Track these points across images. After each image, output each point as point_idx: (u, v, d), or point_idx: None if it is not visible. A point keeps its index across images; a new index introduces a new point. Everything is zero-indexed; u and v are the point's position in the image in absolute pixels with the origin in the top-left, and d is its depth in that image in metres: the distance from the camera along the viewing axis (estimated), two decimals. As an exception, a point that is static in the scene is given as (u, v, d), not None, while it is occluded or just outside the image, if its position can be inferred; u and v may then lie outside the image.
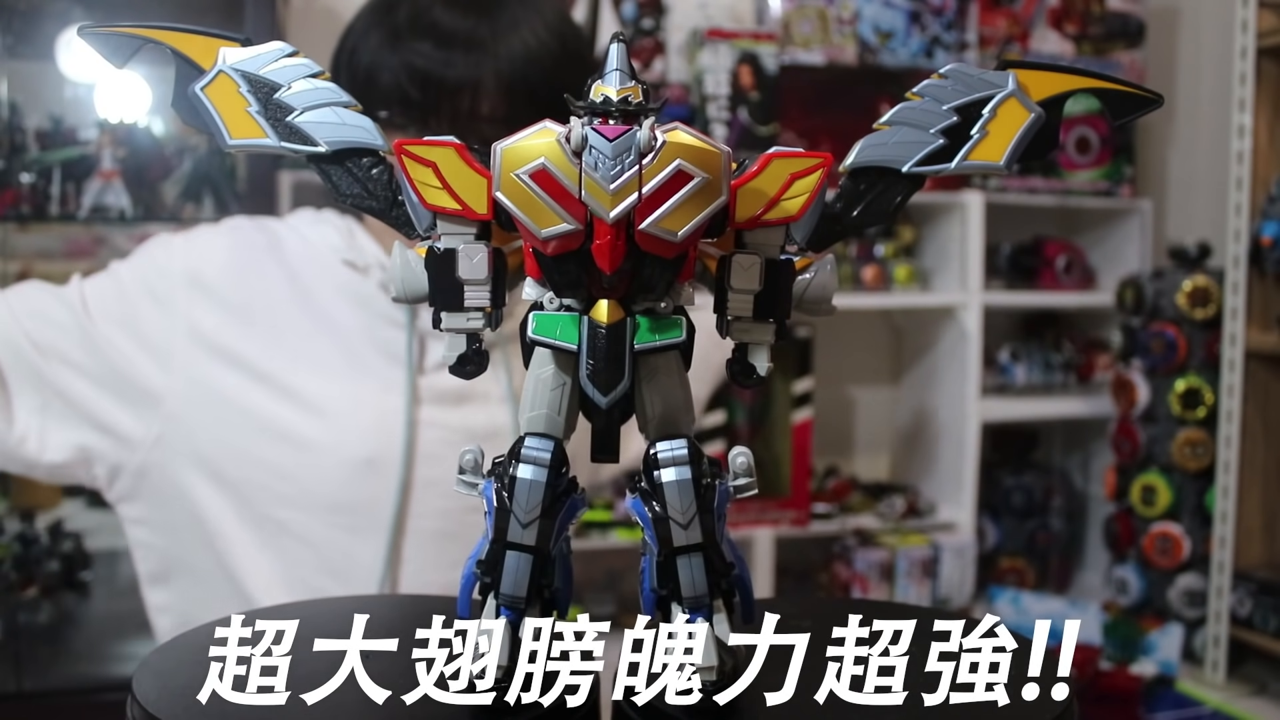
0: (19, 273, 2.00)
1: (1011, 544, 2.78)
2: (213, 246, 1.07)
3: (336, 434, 1.01)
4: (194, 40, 0.54)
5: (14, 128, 1.89)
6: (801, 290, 0.53)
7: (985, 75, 0.53)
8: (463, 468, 0.53)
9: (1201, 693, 2.25)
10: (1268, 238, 2.20)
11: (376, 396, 1.04)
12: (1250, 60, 2.23)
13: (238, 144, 0.53)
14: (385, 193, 0.53)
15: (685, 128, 0.47)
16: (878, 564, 2.53)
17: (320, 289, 1.07)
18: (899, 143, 0.52)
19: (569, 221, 0.47)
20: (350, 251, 1.07)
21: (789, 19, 2.51)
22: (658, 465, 0.51)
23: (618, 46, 0.49)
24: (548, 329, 0.50)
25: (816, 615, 0.60)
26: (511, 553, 0.51)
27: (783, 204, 0.50)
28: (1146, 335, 2.45)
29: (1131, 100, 0.53)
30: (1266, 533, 2.36)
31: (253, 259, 1.07)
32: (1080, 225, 2.86)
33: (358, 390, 1.04)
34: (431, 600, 0.77)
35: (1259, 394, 2.31)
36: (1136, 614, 2.46)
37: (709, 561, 0.51)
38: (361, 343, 1.06)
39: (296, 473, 1.01)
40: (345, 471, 1.01)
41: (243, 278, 1.06)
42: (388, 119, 1.00)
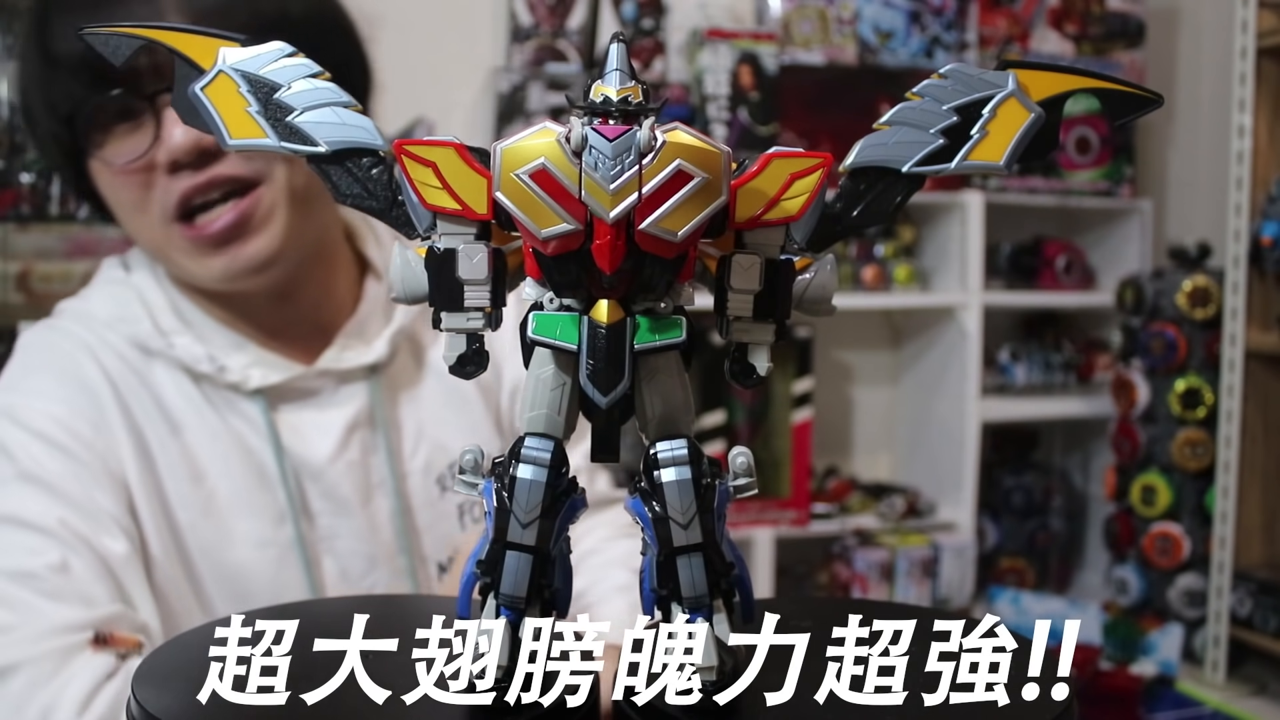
0: (19, 273, 2.00)
1: (1011, 544, 2.78)
2: (47, 400, 0.90)
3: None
4: (194, 40, 0.54)
5: (14, 128, 1.89)
6: (801, 290, 0.52)
7: (985, 75, 0.53)
8: (462, 468, 0.53)
9: (1201, 693, 2.25)
10: (1268, 238, 2.20)
11: (263, 532, 0.94)
12: (1250, 60, 2.23)
13: (237, 144, 0.53)
14: (385, 193, 0.53)
15: (685, 128, 0.47)
16: (878, 564, 2.53)
17: (160, 408, 0.93)
18: (899, 143, 0.52)
19: (569, 221, 0.47)
20: (155, 336, 0.93)
21: (789, 19, 2.51)
22: (658, 465, 0.51)
23: (617, 46, 0.49)
24: (547, 329, 0.50)
25: (816, 615, 0.60)
26: (511, 553, 0.51)
27: (783, 204, 0.50)
28: (1146, 335, 2.45)
29: (1131, 100, 0.53)
30: (1266, 533, 2.36)
31: (91, 405, 0.91)
32: (1080, 225, 2.86)
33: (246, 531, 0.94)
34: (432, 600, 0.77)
35: (1259, 394, 2.31)
36: (1136, 614, 2.46)
37: (709, 561, 0.51)
38: (226, 459, 0.94)
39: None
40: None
41: (97, 435, 0.91)
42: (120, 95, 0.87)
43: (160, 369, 0.94)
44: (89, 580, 0.83)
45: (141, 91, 0.86)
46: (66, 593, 0.81)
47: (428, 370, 1.04)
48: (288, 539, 0.94)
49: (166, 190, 0.88)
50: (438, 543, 1.01)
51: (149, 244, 0.94)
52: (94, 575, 0.83)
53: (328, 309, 1.00)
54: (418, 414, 1.02)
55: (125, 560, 0.86)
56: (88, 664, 0.78)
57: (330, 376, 0.98)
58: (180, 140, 0.86)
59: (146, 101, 0.87)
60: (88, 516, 0.86)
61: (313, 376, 0.97)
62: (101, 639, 0.79)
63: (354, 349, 0.99)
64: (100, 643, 0.79)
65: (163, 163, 0.88)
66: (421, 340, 1.05)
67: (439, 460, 1.02)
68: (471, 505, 1.02)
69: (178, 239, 0.90)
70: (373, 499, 0.98)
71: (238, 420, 0.95)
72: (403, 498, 0.99)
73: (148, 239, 0.93)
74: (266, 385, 0.95)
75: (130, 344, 0.94)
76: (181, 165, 0.87)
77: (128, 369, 0.93)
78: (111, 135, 0.89)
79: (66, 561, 0.82)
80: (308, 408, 0.97)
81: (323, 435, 0.97)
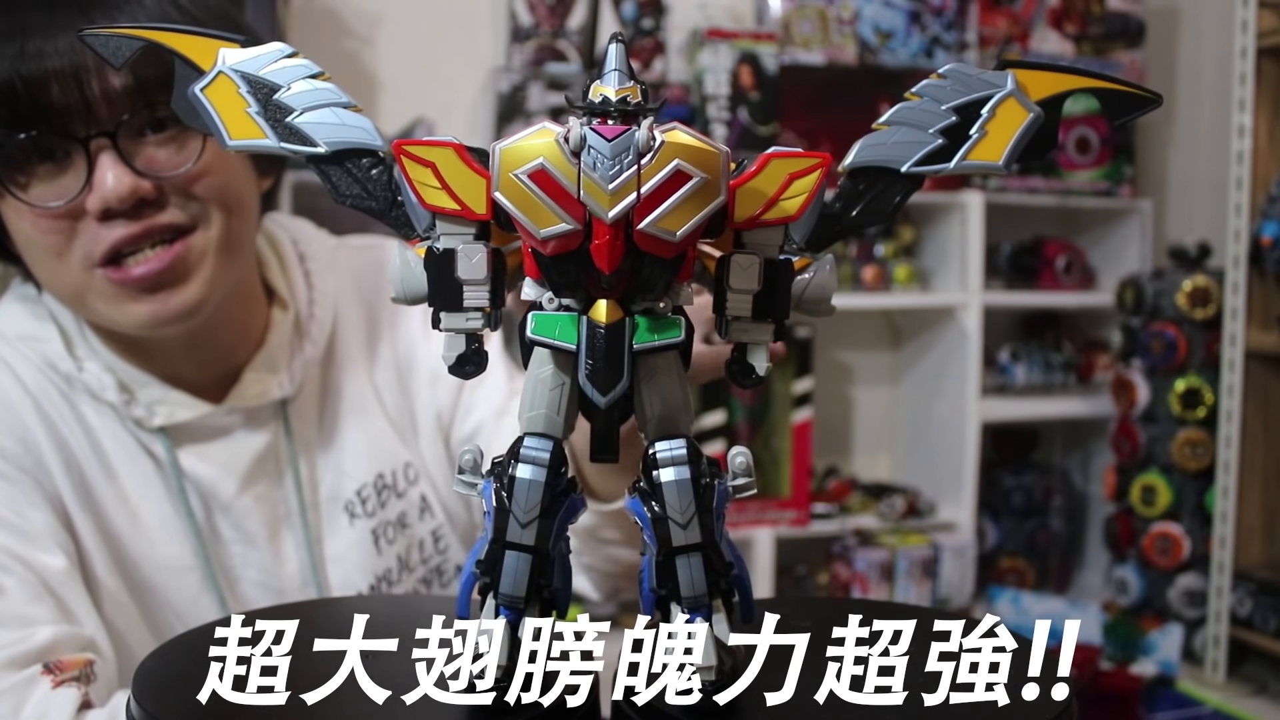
0: (19, 273, 2.00)
1: (1011, 544, 2.78)
2: None
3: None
4: (193, 41, 0.54)
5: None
6: (801, 290, 0.53)
7: (984, 75, 0.53)
8: (462, 467, 0.54)
9: (1201, 693, 2.25)
10: (1268, 238, 2.20)
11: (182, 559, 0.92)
12: (1250, 60, 2.23)
13: (237, 145, 0.54)
14: (384, 193, 0.54)
15: (684, 128, 0.47)
16: (878, 564, 2.53)
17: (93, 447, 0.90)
18: (898, 143, 0.52)
19: (568, 221, 0.47)
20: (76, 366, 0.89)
21: (789, 19, 2.51)
22: (657, 465, 0.51)
23: (616, 46, 0.49)
24: (546, 329, 0.50)
25: (816, 615, 0.60)
26: (511, 552, 0.51)
27: (781, 204, 0.50)
28: (1146, 335, 2.45)
29: (1131, 100, 0.53)
30: (1266, 533, 2.36)
31: (15, 421, 0.87)
32: (1080, 225, 2.86)
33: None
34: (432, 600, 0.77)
35: (1259, 394, 2.31)
36: (1136, 614, 2.46)
37: (708, 561, 0.51)
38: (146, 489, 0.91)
39: None
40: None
41: (25, 451, 0.87)
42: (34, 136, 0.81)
43: (76, 387, 0.91)
44: (25, 600, 0.79)
45: (72, 133, 0.80)
46: (3, 616, 0.77)
47: (334, 397, 1.01)
48: (204, 567, 0.91)
49: (95, 237, 0.82)
50: (349, 572, 0.98)
51: (64, 289, 0.87)
52: (31, 595, 0.79)
53: (238, 346, 0.96)
54: (325, 442, 1.00)
55: (64, 575, 0.82)
56: (52, 703, 0.73)
57: (239, 413, 0.94)
58: (115, 188, 0.80)
59: (79, 144, 0.81)
60: (20, 535, 0.82)
61: (221, 414, 0.93)
62: (49, 668, 0.75)
63: (263, 383, 0.95)
64: (49, 671, 0.75)
65: (94, 210, 0.81)
66: (330, 367, 1.01)
67: (345, 488, 0.99)
68: (385, 528, 1.00)
69: (100, 283, 0.84)
70: (279, 533, 0.96)
71: (150, 447, 0.92)
72: (311, 529, 0.97)
73: (63, 285, 0.86)
74: (171, 424, 0.91)
75: (44, 362, 0.89)
76: (115, 214, 0.82)
77: (48, 383, 0.89)
78: (34, 176, 0.82)
79: (0, 584, 0.78)
80: (214, 443, 0.94)
81: (228, 471, 0.93)
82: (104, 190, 0.81)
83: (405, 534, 1.01)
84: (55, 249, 0.84)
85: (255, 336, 0.97)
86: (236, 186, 0.88)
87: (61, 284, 0.87)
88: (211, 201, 0.86)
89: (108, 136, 0.81)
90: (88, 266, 0.84)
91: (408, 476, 1.02)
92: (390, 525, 1.00)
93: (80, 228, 0.83)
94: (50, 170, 0.82)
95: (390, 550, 1.00)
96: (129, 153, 0.82)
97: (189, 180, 0.84)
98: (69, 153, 0.82)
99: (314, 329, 0.99)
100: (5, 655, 0.74)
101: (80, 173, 0.81)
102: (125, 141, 0.81)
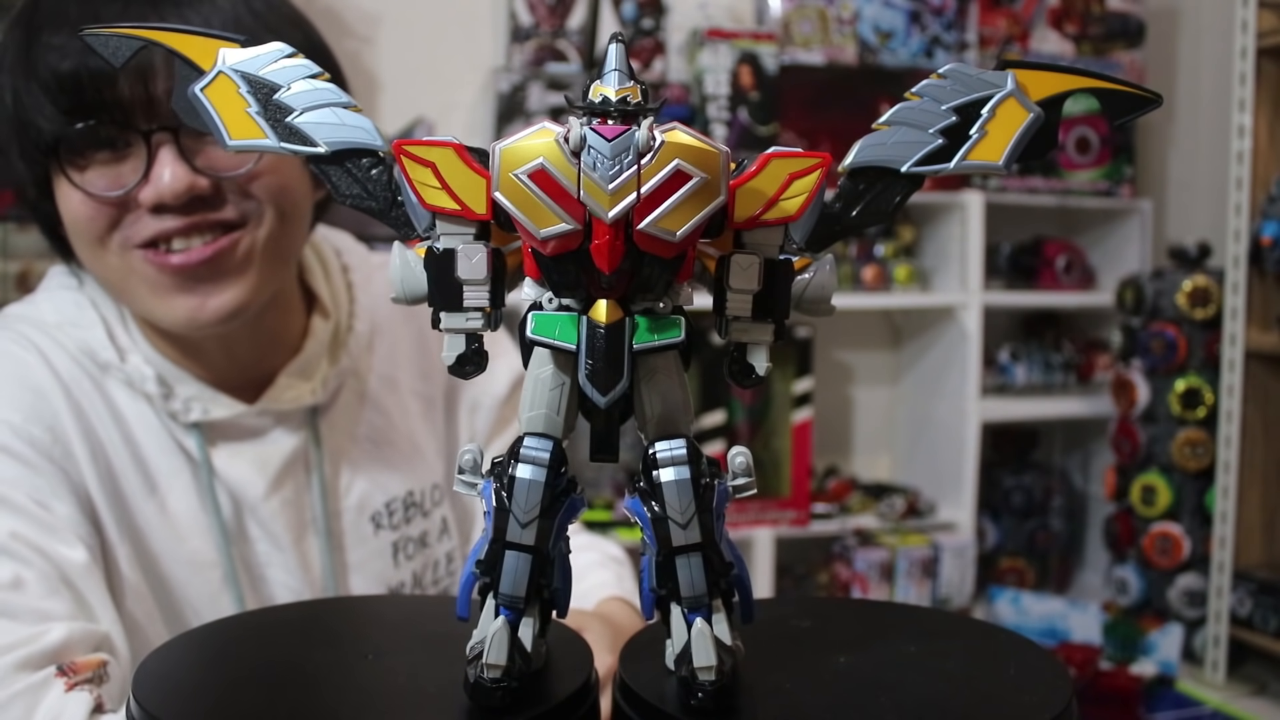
0: (19, 273, 2.00)
1: (1011, 544, 2.78)
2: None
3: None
4: (193, 41, 0.54)
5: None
6: (800, 290, 0.53)
7: (984, 75, 0.53)
8: (462, 467, 0.54)
9: (1201, 693, 2.25)
10: (1268, 238, 2.20)
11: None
12: (1250, 60, 2.23)
13: (238, 145, 0.54)
14: (384, 193, 0.53)
15: (684, 128, 0.47)
16: (878, 564, 2.53)
17: (132, 443, 0.90)
18: (898, 143, 0.52)
19: (567, 221, 0.47)
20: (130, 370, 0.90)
21: (789, 19, 2.51)
22: (656, 465, 0.51)
23: (616, 46, 0.49)
24: (546, 329, 0.50)
25: (816, 615, 0.60)
26: (510, 552, 0.51)
27: (781, 204, 0.50)
28: (1146, 335, 2.46)
29: (1130, 100, 0.53)
30: (1266, 533, 2.36)
31: (46, 409, 0.87)
32: (1080, 225, 2.87)
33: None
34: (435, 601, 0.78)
35: (1259, 394, 2.31)
36: (1136, 614, 2.46)
37: (708, 561, 0.51)
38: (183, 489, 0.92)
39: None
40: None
41: (54, 441, 0.87)
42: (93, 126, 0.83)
43: (114, 377, 0.91)
44: (43, 595, 0.79)
45: (134, 126, 0.82)
46: (19, 609, 0.77)
47: (375, 411, 1.02)
48: (226, 564, 0.92)
49: (141, 225, 0.84)
50: (368, 580, 0.99)
51: (106, 273, 0.89)
52: (48, 588, 0.79)
53: (275, 351, 0.97)
54: (355, 453, 1.00)
55: (84, 569, 0.82)
56: (65, 707, 0.73)
57: (269, 415, 0.95)
58: (171, 184, 0.82)
59: (140, 136, 0.83)
60: (42, 526, 0.82)
61: (252, 415, 0.94)
62: (63, 670, 0.75)
63: (296, 389, 0.96)
64: (63, 674, 0.75)
65: (147, 202, 0.83)
66: (365, 378, 1.02)
67: (374, 499, 1.00)
68: (406, 543, 1.01)
69: (139, 265, 0.85)
70: (305, 536, 0.97)
71: (183, 442, 0.93)
72: (334, 536, 0.98)
73: (104, 268, 0.88)
74: (205, 420, 0.92)
75: (82, 350, 0.90)
76: (168, 208, 0.84)
77: (81, 373, 0.90)
78: (93, 161, 0.84)
79: (19, 577, 0.78)
80: (246, 444, 0.95)
81: (258, 472, 0.94)
82: (160, 185, 0.83)
83: (424, 552, 1.03)
84: (98, 234, 0.85)
85: (292, 343, 0.99)
86: (292, 190, 0.90)
87: (103, 266, 0.88)
88: (267, 201, 0.87)
89: (170, 131, 0.82)
90: (126, 248, 0.85)
91: (434, 498, 1.05)
92: (411, 541, 1.02)
93: (129, 218, 0.84)
94: (108, 158, 0.84)
95: (407, 565, 1.02)
96: (191, 150, 0.83)
97: (247, 179, 0.86)
98: (129, 143, 0.83)
99: (351, 341, 1.01)
100: (20, 655, 0.74)
101: (138, 164, 0.83)
102: (188, 139, 0.83)
